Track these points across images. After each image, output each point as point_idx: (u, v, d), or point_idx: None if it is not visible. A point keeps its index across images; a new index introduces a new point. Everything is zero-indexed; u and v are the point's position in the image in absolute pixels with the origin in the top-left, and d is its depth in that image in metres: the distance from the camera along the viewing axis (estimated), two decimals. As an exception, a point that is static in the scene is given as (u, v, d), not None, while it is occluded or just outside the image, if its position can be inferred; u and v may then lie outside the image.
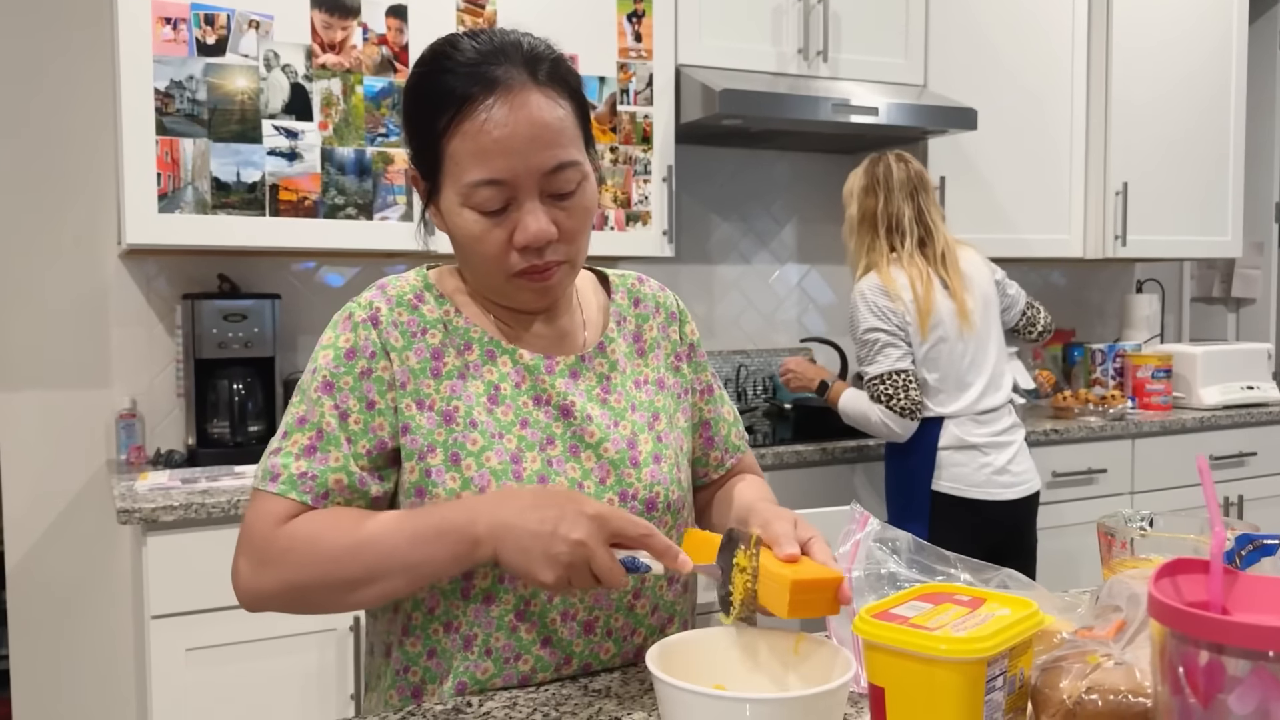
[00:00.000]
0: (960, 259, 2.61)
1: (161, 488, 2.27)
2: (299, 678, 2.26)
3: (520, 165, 1.05)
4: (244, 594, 1.07)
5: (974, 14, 3.33)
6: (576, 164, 1.08)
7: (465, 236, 1.09)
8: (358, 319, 1.12)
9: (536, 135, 1.05)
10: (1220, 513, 0.76)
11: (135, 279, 2.70)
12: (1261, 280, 4.47)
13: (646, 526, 0.97)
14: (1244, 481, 3.50)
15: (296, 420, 1.09)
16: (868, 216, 2.62)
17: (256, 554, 1.05)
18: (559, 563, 0.94)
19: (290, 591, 1.05)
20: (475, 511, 1.00)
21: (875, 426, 2.57)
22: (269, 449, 1.10)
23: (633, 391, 1.21)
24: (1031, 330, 2.84)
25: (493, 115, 1.04)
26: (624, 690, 1.08)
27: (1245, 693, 0.62)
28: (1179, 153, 3.71)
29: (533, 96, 1.05)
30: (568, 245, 1.10)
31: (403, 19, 2.56)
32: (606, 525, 0.95)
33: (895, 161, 2.62)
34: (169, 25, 2.35)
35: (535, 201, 1.07)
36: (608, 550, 0.95)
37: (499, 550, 0.98)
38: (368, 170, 2.55)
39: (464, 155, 1.05)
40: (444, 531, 1.00)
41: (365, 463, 1.09)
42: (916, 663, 0.79)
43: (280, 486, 1.06)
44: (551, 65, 1.08)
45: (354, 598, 1.04)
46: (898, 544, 1.13)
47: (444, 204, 1.10)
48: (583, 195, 1.10)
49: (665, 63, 2.89)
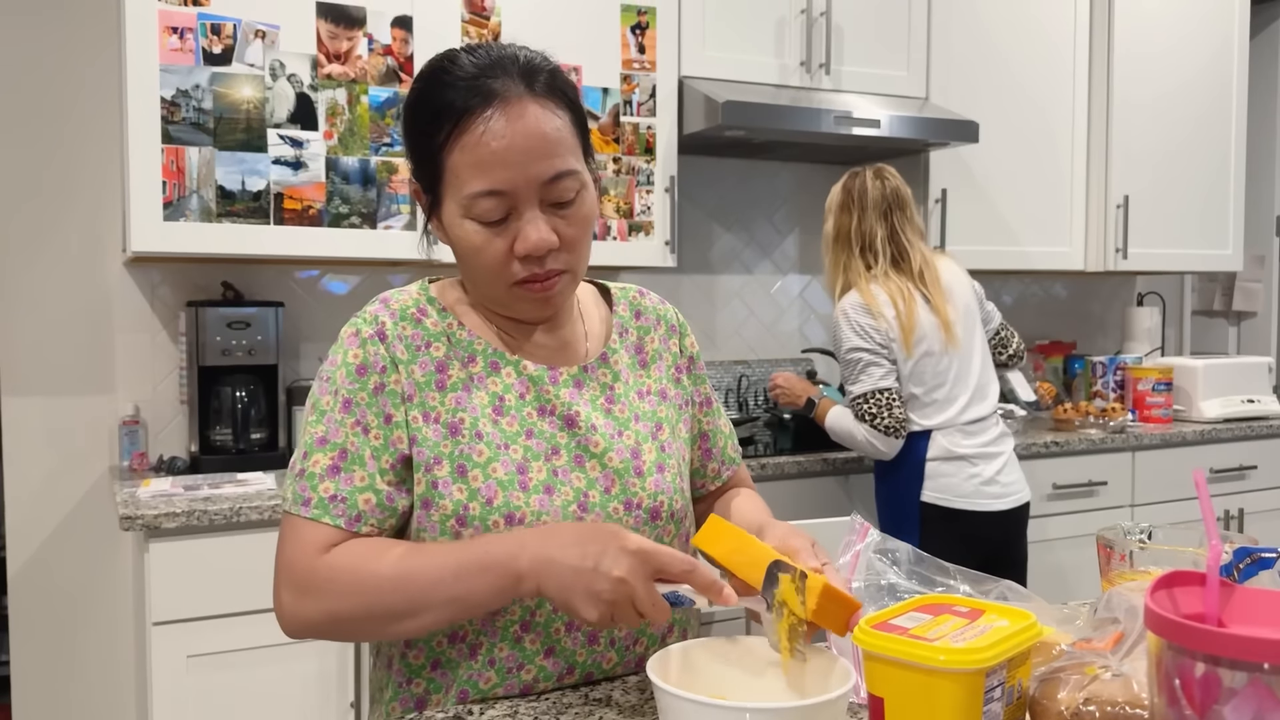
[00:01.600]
0: (940, 271, 2.61)
1: (164, 494, 2.27)
2: (300, 685, 2.26)
3: (519, 176, 1.06)
4: (287, 623, 1.07)
5: (976, 27, 3.34)
6: (575, 173, 1.09)
7: (467, 248, 1.10)
8: (365, 334, 1.12)
9: (534, 146, 1.06)
10: (1217, 526, 0.76)
11: (139, 286, 2.71)
12: (1262, 294, 4.47)
13: (690, 562, 0.96)
14: (1244, 495, 3.50)
15: (317, 440, 1.09)
16: (842, 234, 2.63)
17: (298, 584, 1.05)
18: (601, 600, 0.94)
19: (332, 622, 1.05)
20: (521, 546, 1.00)
21: (861, 445, 2.58)
22: (292, 470, 1.10)
23: (636, 402, 1.22)
24: (1003, 352, 2.82)
25: (491, 127, 1.05)
26: (624, 699, 1.09)
27: (1241, 705, 0.62)
28: (1180, 166, 3.72)
29: (530, 108, 1.06)
30: (569, 254, 1.11)
31: (408, 30, 2.58)
32: (649, 562, 0.95)
33: (872, 178, 2.61)
34: (176, 35, 2.36)
35: (535, 211, 1.08)
36: (649, 586, 0.95)
37: (541, 585, 0.98)
38: (372, 180, 2.56)
39: (463, 167, 1.06)
40: (488, 566, 1.00)
41: (391, 477, 1.09)
42: (916, 673, 0.80)
43: (314, 511, 1.06)
44: (548, 77, 1.10)
45: (396, 628, 1.04)
46: (897, 555, 1.14)
47: (445, 216, 1.11)
48: (582, 204, 1.11)
49: (668, 74, 2.90)
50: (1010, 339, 2.84)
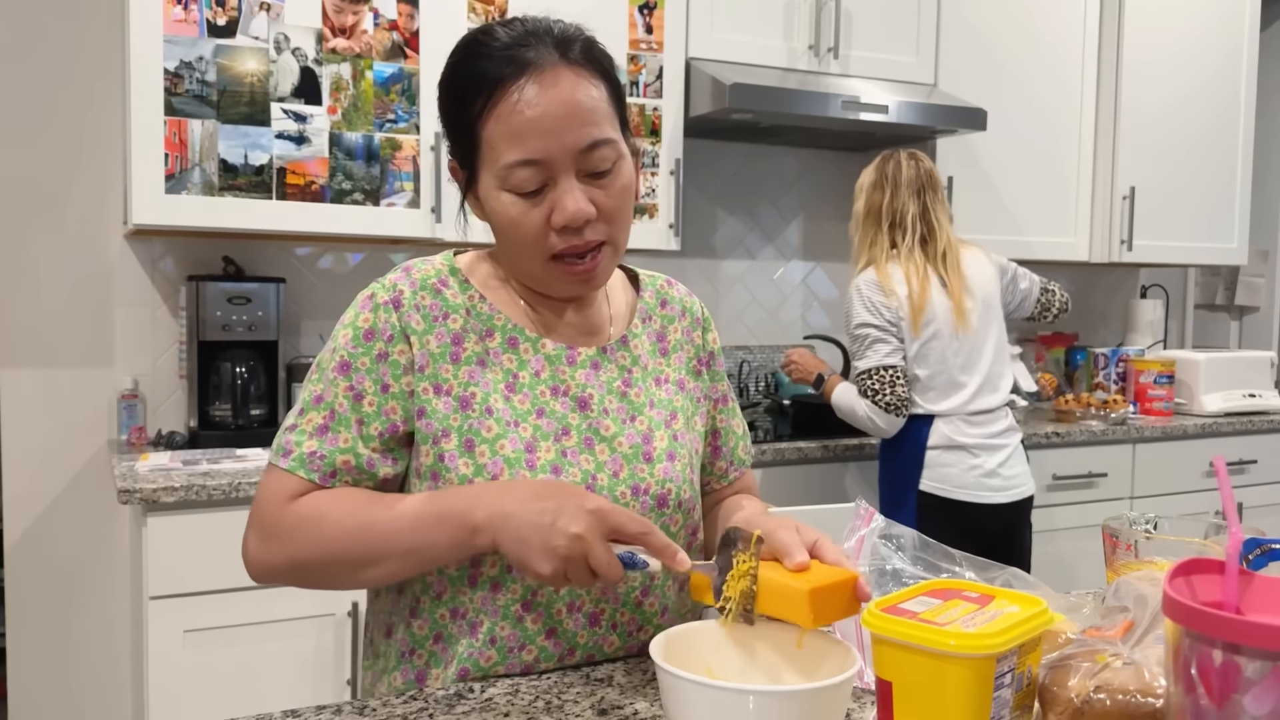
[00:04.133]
0: (963, 260, 2.61)
1: (162, 469, 2.26)
2: (296, 661, 2.25)
3: (555, 144, 1.04)
4: (252, 567, 1.09)
5: (986, 15, 3.32)
6: (611, 142, 1.08)
7: (504, 220, 1.09)
8: (379, 300, 1.12)
9: (570, 114, 1.05)
10: (1237, 514, 0.75)
11: (140, 259, 2.70)
12: (1265, 289, 4.46)
13: (645, 524, 0.97)
14: (1245, 489, 3.50)
15: (313, 399, 1.10)
16: (873, 211, 2.63)
17: (264, 529, 1.08)
18: (556, 555, 0.94)
19: (295, 567, 1.07)
20: (477, 500, 1.00)
21: (862, 421, 2.58)
22: (285, 424, 1.12)
23: (653, 388, 1.21)
24: (1047, 314, 2.90)
25: (524, 95, 1.04)
26: (626, 680, 1.08)
27: (1261, 694, 0.61)
28: (1187, 159, 3.70)
29: (565, 75, 1.05)
30: (607, 225, 1.10)
31: (414, 5, 2.55)
32: (605, 520, 0.95)
33: (906, 159, 2.63)
34: (180, 5, 2.34)
35: (572, 180, 1.06)
36: (605, 545, 0.95)
37: (497, 539, 0.98)
38: (375, 156, 2.54)
39: (499, 138, 1.05)
40: (444, 517, 1.01)
41: (376, 444, 1.10)
42: (926, 658, 0.79)
43: (290, 463, 1.08)
44: (584, 45, 1.09)
45: (358, 577, 1.07)
46: (902, 541, 1.13)
47: (482, 190, 1.10)
48: (619, 174, 1.09)
49: (676, 55, 2.88)
50: (1053, 300, 2.90)
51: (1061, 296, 2.91)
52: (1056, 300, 2.90)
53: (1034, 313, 2.87)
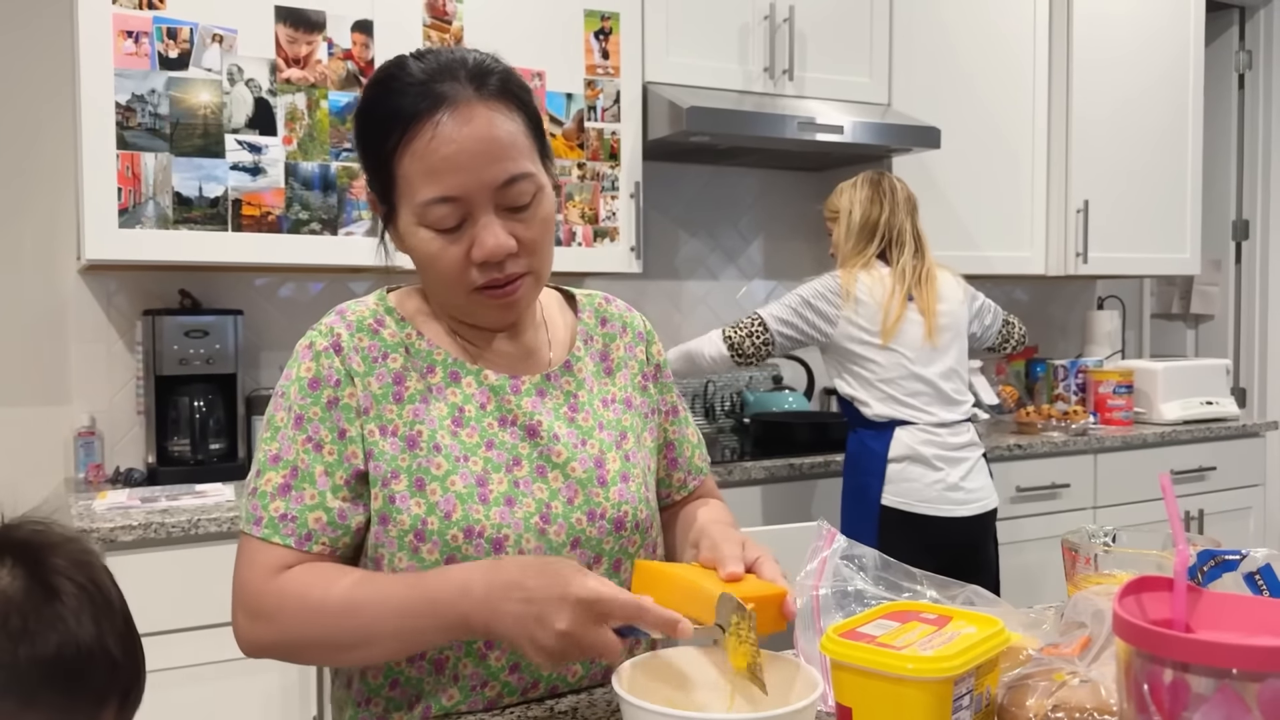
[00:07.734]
0: (938, 280, 2.65)
1: (120, 507, 2.23)
2: (260, 700, 2.22)
3: (472, 180, 1.04)
4: (244, 646, 1.07)
5: (938, 34, 3.36)
6: (529, 175, 1.07)
7: (424, 256, 1.08)
8: (319, 347, 1.10)
9: (485, 150, 1.04)
10: (1183, 530, 0.76)
11: (95, 294, 2.66)
12: (1219, 297, 4.54)
13: (637, 607, 0.92)
14: (1205, 495, 3.55)
15: (270, 458, 1.08)
16: (869, 223, 2.65)
17: (250, 608, 1.05)
18: (545, 651, 0.93)
19: (285, 647, 1.05)
20: (463, 591, 0.97)
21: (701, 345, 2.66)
22: (247, 488, 1.09)
23: (600, 410, 1.20)
24: (1007, 345, 2.95)
25: (440, 132, 1.03)
26: (590, 712, 1.07)
27: (1210, 711, 0.62)
28: (1139, 171, 3.76)
29: (479, 111, 1.04)
30: (529, 257, 1.09)
31: (368, 34, 2.55)
32: (592, 610, 0.91)
33: (897, 181, 2.70)
34: (130, 39, 2.32)
35: (491, 216, 1.06)
36: (597, 632, 0.92)
37: (490, 631, 0.96)
38: (332, 185, 2.53)
39: (415, 174, 1.05)
40: (435, 608, 0.99)
41: (345, 493, 1.08)
42: (884, 682, 0.79)
43: (264, 531, 1.06)
44: (499, 79, 1.08)
45: (348, 657, 1.06)
46: (864, 561, 1.13)
47: (401, 225, 1.09)
48: (539, 207, 1.09)
49: (632, 80, 2.89)
50: (1012, 332, 2.95)
51: (1020, 329, 2.98)
52: (1015, 332, 2.96)
53: (995, 343, 2.93)
